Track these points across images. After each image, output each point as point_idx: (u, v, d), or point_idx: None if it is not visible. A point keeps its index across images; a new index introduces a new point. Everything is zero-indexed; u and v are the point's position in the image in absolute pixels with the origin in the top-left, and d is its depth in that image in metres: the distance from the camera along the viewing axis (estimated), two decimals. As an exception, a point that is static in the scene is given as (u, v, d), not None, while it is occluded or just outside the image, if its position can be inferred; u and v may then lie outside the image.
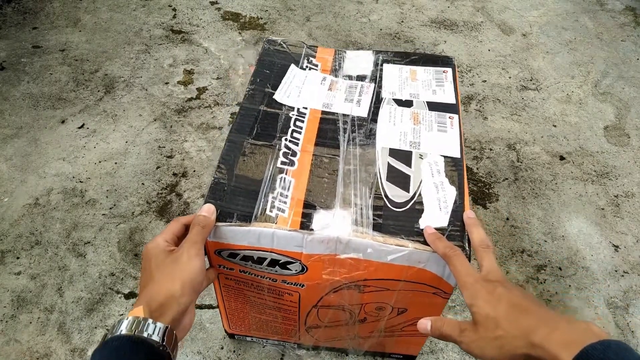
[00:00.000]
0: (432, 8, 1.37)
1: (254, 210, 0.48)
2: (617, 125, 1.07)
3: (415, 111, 0.59)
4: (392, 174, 0.52)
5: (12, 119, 0.99)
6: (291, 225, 0.47)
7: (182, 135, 0.98)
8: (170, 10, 1.30)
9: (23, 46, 1.16)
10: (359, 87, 0.63)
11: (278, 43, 0.68)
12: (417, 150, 0.54)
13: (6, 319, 0.71)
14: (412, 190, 0.50)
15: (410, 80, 0.63)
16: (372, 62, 0.66)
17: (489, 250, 0.45)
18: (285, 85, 0.62)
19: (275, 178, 0.51)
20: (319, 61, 0.67)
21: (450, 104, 0.59)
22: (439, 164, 0.53)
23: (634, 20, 1.38)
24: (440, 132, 0.56)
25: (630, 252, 0.84)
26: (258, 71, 0.64)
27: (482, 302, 0.38)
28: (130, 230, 0.82)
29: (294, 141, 0.55)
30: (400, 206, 0.49)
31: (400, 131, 0.56)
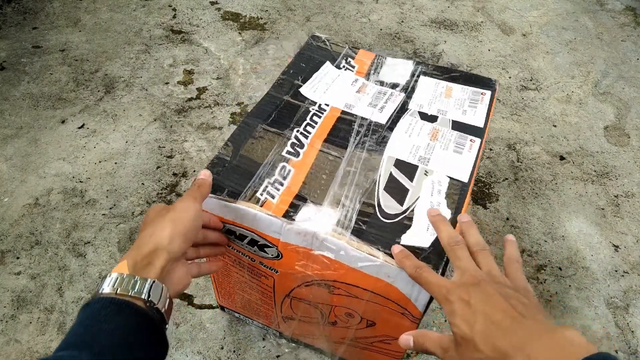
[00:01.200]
0: (432, 8, 1.37)
1: (244, 189, 0.49)
2: (617, 125, 1.07)
3: (436, 127, 0.57)
4: (391, 184, 0.51)
5: (12, 119, 0.99)
6: (275, 212, 0.47)
7: (182, 135, 0.98)
8: (170, 10, 1.30)
9: (23, 46, 1.16)
10: (387, 94, 0.62)
11: (322, 40, 0.69)
12: (424, 166, 0.53)
13: (6, 319, 0.71)
14: (406, 204, 0.49)
15: (444, 97, 0.62)
16: (409, 72, 0.65)
17: (459, 247, 0.42)
18: (315, 80, 0.63)
19: (276, 165, 0.52)
20: (357, 63, 0.67)
21: (476, 126, 0.57)
22: (442, 184, 0.51)
23: (634, 20, 1.38)
24: (456, 153, 0.54)
25: (630, 252, 0.84)
26: (294, 63, 0.65)
27: (459, 320, 0.36)
28: (130, 230, 0.82)
29: (304, 134, 0.56)
30: (389, 217, 0.48)
31: (414, 144, 0.55)
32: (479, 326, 0.35)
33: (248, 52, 1.18)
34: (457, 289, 0.38)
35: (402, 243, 0.45)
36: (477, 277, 0.39)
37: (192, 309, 0.72)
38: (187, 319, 0.71)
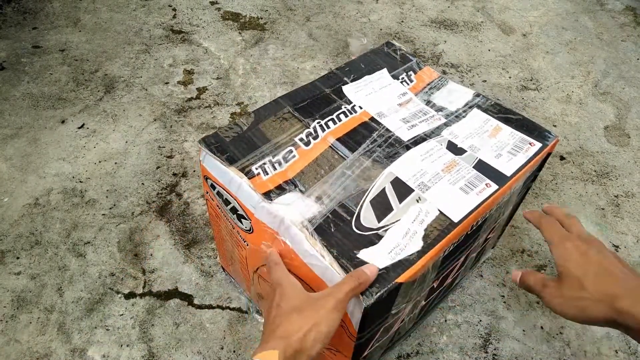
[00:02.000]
0: (432, 8, 1.37)
1: (243, 159, 0.52)
2: (617, 125, 1.07)
3: (456, 161, 0.54)
4: (379, 199, 0.50)
5: (12, 119, 0.99)
6: (259, 187, 0.50)
7: (182, 135, 0.98)
8: (170, 10, 1.30)
9: (23, 46, 1.16)
10: (427, 115, 0.60)
11: (394, 48, 0.68)
12: (419, 192, 0.51)
13: (6, 319, 0.71)
14: (383, 222, 0.48)
15: (487, 135, 0.58)
16: (465, 101, 0.62)
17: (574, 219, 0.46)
18: (363, 82, 0.63)
19: (284, 147, 0.54)
20: (417, 79, 0.66)
21: (502, 173, 0.53)
22: (428, 215, 0.49)
23: (634, 20, 1.38)
24: (461, 191, 0.51)
25: (630, 252, 0.84)
26: (353, 62, 0.66)
27: (572, 261, 0.39)
28: (130, 230, 0.82)
29: (323, 127, 0.57)
30: (361, 229, 0.47)
31: (422, 169, 0.53)
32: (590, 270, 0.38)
33: (248, 52, 1.18)
34: (575, 239, 0.42)
35: (359, 256, 0.45)
36: (594, 238, 0.43)
37: (192, 309, 0.72)
38: (187, 319, 0.71)
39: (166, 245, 0.80)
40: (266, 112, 0.58)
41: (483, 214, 0.51)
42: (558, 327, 0.72)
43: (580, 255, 0.40)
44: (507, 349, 0.70)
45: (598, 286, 0.37)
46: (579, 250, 0.40)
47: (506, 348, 0.70)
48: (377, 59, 0.67)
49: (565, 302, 0.39)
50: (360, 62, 0.66)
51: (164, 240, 0.81)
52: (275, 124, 0.57)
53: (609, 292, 0.36)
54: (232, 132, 0.55)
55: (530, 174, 0.59)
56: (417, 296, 0.52)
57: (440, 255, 0.48)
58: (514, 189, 0.55)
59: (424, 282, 0.50)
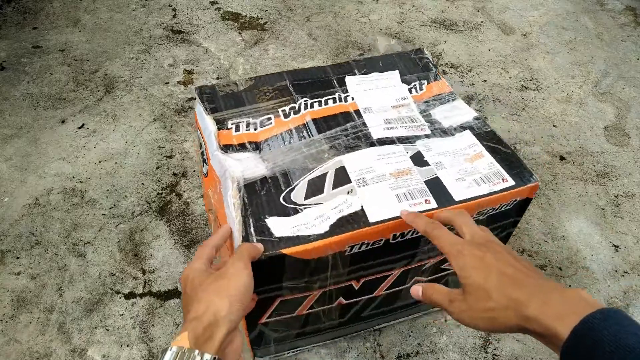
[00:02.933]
0: (432, 8, 1.37)
1: (224, 112, 0.58)
2: (617, 125, 1.07)
3: (411, 170, 0.52)
4: (317, 180, 0.52)
5: (12, 119, 0.99)
6: (223, 139, 0.55)
7: (182, 135, 0.98)
8: (170, 10, 1.30)
9: (23, 46, 1.16)
10: (414, 123, 0.59)
11: (421, 55, 0.68)
12: (355, 186, 0.51)
13: (6, 319, 0.71)
14: (308, 201, 0.49)
15: (465, 159, 0.55)
16: (462, 121, 0.60)
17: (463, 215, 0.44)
18: (369, 77, 0.64)
19: (265, 114, 0.58)
20: (427, 88, 0.65)
21: (451, 195, 0.50)
22: (350, 208, 0.48)
23: (634, 20, 1.38)
24: (395, 198, 0.49)
25: (630, 252, 0.84)
26: (374, 59, 0.67)
27: (472, 271, 0.38)
28: (130, 230, 0.82)
29: (307, 105, 0.59)
30: (285, 200, 0.50)
31: (371, 167, 0.53)
32: (493, 278, 0.37)
33: (248, 52, 1.18)
34: (469, 246, 0.40)
35: (266, 220, 0.47)
36: (487, 238, 0.41)
37: (192, 309, 0.72)
38: (187, 319, 0.71)
39: (166, 245, 0.80)
40: (266, 80, 0.61)
41: (411, 229, 0.49)
42: (558, 327, 0.72)
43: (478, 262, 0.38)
44: (507, 349, 0.70)
45: (502, 293, 0.35)
46: (476, 257, 0.38)
47: (506, 348, 0.70)
48: (398, 61, 0.67)
49: (474, 315, 0.37)
50: (380, 60, 0.67)
51: (164, 240, 0.81)
52: (268, 92, 0.60)
53: (513, 297, 0.34)
54: (227, 89, 0.60)
55: (497, 212, 0.54)
56: (323, 284, 0.52)
57: (346, 249, 0.48)
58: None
59: (328, 271, 0.50)
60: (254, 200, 0.49)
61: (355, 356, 0.69)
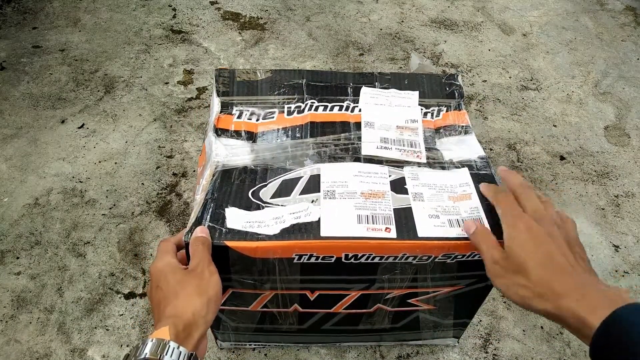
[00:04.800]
0: (433, 8, 1.37)
1: (235, 97, 0.59)
2: (618, 125, 1.07)
3: (385, 194, 0.49)
4: (289, 182, 0.51)
5: (12, 119, 0.99)
6: (222, 122, 0.57)
7: (182, 135, 0.98)
8: (170, 10, 1.30)
9: (23, 46, 1.16)
10: (412, 148, 0.56)
11: (453, 82, 0.63)
12: (321, 197, 0.49)
13: (6, 319, 0.70)
14: (272, 200, 0.49)
15: (449, 196, 0.50)
16: (465, 157, 0.56)
17: (530, 190, 0.43)
18: (385, 93, 0.62)
19: (271, 108, 0.59)
20: (443, 116, 0.61)
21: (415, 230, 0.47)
22: (307, 217, 0.47)
23: (634, 20, 1.38)
24: (356, 218, 0.47)
25: (630, 252, 0.84)
26: (401, 75, 0.64)
27: (519, 245, 0.37)
28: (130, 230, 0.82)
29: (311, 107, 0.60)
30: (253, 195, 0.50)
31: (345, 181, 0.51)
32: (537, 258, 0.36)
33: (248, 52, 1.18)
34: (528, 220, 0.39)
35: (226, 209, 0.48)
36: (548, 218, 0.40)
37: (192, 309, 0.72)
38: (187, 319, 0.71)
39: (166, 245, 0.80)
40: (283, 75, 0.62)
41: (365, 252, 0.46)
42: (558, 327, 0.72)
43: (529, 238, 0.37)
44: (507, 349, 0.70)
45: (542, 278, 0.35)
46: (529, 233, 0.38)
47: (506, 348, 0.70)
48: (424, 82, 0.63)
49: (508, 285, 0.37)
50: (407, 78, 0.64)
51: (164, 240, 0.81)
52: (282, 87, 0.61)
53: (551, 288, 0.34)
54: (246, 76, 0.61)
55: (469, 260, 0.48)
56: (274, 287, 0.52)
57: (294, 257, 0.46)
58: (422, 258, 0.48)
59: (276, 274, 0.49)
60: (223, 187, 0.50)
61: (355, 356, 0.69)
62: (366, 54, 1.20)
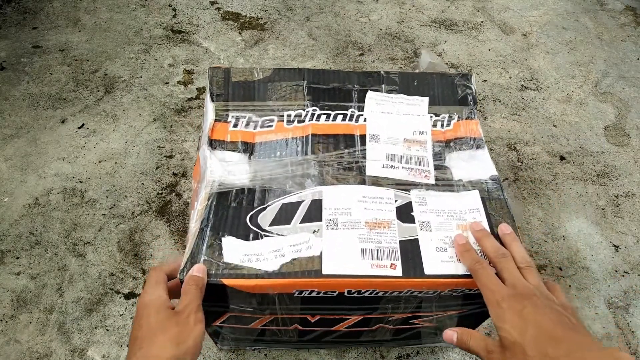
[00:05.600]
0: (433, 8, 1.37)
1: (230, 102, 0.55)
2: (618, 125, 1.07)
3: (391, 224, 0.47)
4: (289, 207, 0.48)
5: (12, 119, 0.99)
6: (217, 132, 0.53)
7: (182, 135, 0.98)
8: (170, 10, 1.30)
9: (23, 46, 1.16)
10: (420, 166, 0.53)
11: (467, 84, 0.59)
12: (323, 226, 0.46)
13: (6, 319, 0.70)
14: (271, 228, 0.47)
15: (457, 225, 0.48)
16: (475, 177, 0.53)
17: (507, 259, 0.43)
18: (391, 98, 0.57)
19: (270, 114, 0.55)
20: (454, 126, 0.56)
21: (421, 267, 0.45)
22: (308, 250, 0.45)
23: (634, 20, 1.38)
24: (360, 253, 0.45)
25: (630, 252, 0.84)
26: (410, 75, 0.59)
27: (509, 325, 0.37)
28: (130, 230, 0.82)
29: (313, 116, 0.55)
30: (251, 221, 0.47)
31: (349, 208, 0.48)
32: (530, 333, 0.36)
33: (248, 52, 1.18)
34: (510, 298, 0.39)
35: (222, 239, 0.45)
36: (529, 290, 0.40)
37: (192, 309, 0.72)
38: (187, 319, 0.71)
39: (166, 245, 0.80)
40: (284, 75, 0.57)
41: (368, 289, 0.45)
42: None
43: (516, 317, 0.37)
44: (507, 349, 0.70)
45: (539, 349, 0.35)
46: (514, 311, 0.38)
47: (506, 348, 0.70)
48: (435, 84, 0.59)
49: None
50: (416, 78, 0.59)
51: (164, 240, 0.81)
52: (282, 89, 0.56)
53: (550, 355, 0.34)
54: (242, 76, 0.56)
55: (474, 293, 0.47)
56: (273, 312, 0.50)
57: (295, 293, 0.45)
58: (429, 293, 0.47)
59: (276, 304, 0.48)
60: (220, 211, 0.47)
61: (355, 356, 0.69)
62: (366, 54, 1.20)
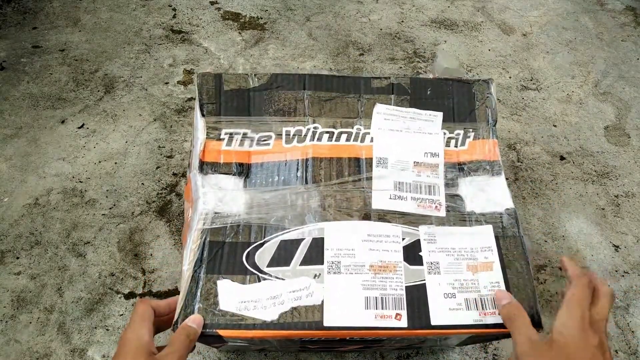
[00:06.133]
0: (432, 8, 1.37)
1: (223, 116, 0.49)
2: (618, 125, 1.07)
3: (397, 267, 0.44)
4: (288, 245, 0.45)
5: (12, 119, 0.99)
6: (209, 153, 0.48)
7: (182, 135, 0.98)
8: (170, 10, 1.30)
9: (23, 46, 1.16)
10: (430, 195, 0.49)
11: (487, 92, 0.54)
12: (325, 270, 0.44)
13: (6, 319, 0.70)
14: (269, 270, 0.44)
15: (467, 266, 0.45)
16: (490, 209, 0.49)
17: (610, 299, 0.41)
18: (401, 112, 0.52)
19: (266, 131, 0.50)
20: (470, 146, 0.52)
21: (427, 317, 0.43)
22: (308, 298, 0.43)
23: (634, 20, 1.38)
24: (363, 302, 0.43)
25: (630, 252, 0.84)
26: (425, 81, 0.54)
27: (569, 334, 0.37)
28: (130, 230, 0.82)
29: (314, 136, 0.50)
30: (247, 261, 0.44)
31: (352, 249, 0.45)
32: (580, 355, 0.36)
33: (248, 52, 1.18)
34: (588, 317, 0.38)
35: (218, 282, 0.43)
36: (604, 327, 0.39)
37: (192, 309, 0.72)
38: (187, 319, 0.71)
39: (166, 245, 0.80)
40: (283, 82, 0.51)
41: (372, 336, 0.43)
42: (558, 327, 0.72)
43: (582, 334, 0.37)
44: (507, 349, 0.70)
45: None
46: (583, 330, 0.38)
47: (506, 348, 0.70)
48: (451, 94, 0.53)
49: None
50: (430, 86, 0.53)
51: (164, 240, 0.81)
52: (281, 99, 0.50)
53: None
54: (235, 83, 0.50)
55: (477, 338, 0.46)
56: (272, 348, 0.49)
57: (295, 339, 0.43)
58: (435, 338, 0.45)
59: (274, 344, 0.47)
60: (214, 249, 0.44)
61: (355, 356, 0.69)
62: (366, 54, 1.20)
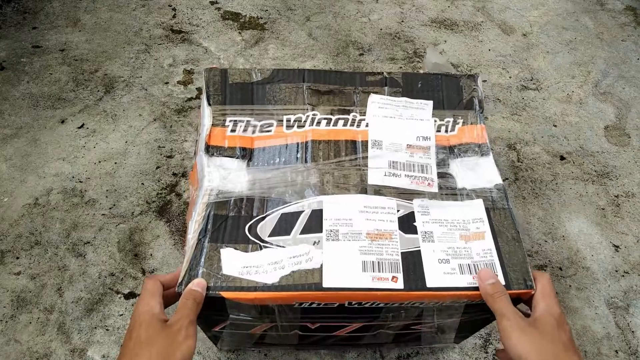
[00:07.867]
0: (432, 8, 1.37)
1: (228, 105, 0.53)
2: (618, 125, 1.07)
3: (393, 235, 0.46)
4: (289, 217, 0.47)
5: (12, 119, 0.99)
6: (214, 138, 0.51)
7: (182, 135, 0.98)
8: (170, 10, 1.30)
9: (23, 46, 1.16)
10: (423, 173, 0.51)
11: (473, 86, 0.57)
12: (323, 238, 0.46)
13: (6, 319, 0.70)
14: (270, 239, 0.46)
15: (460, 235, 0.47)
16: (480, 185, 0.51)
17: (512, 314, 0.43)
18: (394, 101, 0.55)
19: (269, 118, 0.53)
20: (459, 131, 0.55)
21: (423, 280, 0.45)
22: (308, 263, 0.44)
23: (635, 20, 1.38)
24: (360, 265, 0.45)
25: (630, 252, 0.84)
26: (415, 76, 0.57)
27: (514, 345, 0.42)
28: (130, 230, 0.82)
29: (313, 121, 0.54)
30: (250, 232, 0.46)
31: (350, 219, 0.47)
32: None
33: (248, 52, 1.18)
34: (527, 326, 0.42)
35: (222, 250, 0.44)
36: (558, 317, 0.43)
37: (192, 309, 0.72)
38: (187, 319, 0.71)
39: (166, 245, 0.80)
40: (284, 76, 0.55)
41: (369, 301, 0.45)
42: (558, 327, 0.72)
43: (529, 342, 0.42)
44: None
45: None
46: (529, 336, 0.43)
47: (506, 348, 0.70)
48: (440, 86, 0.56)
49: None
50: (421, 80, 0.57)
51: (164, 240, 0.81)
52: (282, 91, 0.54)
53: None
54: (239, 77, 0.54)
55: (476, 303, 0.46)
56: (273, 320, 0.49)
57: (295, 304, 0.45)
58: (431, 304, 0.46)
59: (275, 314, 0.48)
60: (218, 221, 0.46)
61: (355, 356, 0.69)
62: (366, 54, 1.20)
